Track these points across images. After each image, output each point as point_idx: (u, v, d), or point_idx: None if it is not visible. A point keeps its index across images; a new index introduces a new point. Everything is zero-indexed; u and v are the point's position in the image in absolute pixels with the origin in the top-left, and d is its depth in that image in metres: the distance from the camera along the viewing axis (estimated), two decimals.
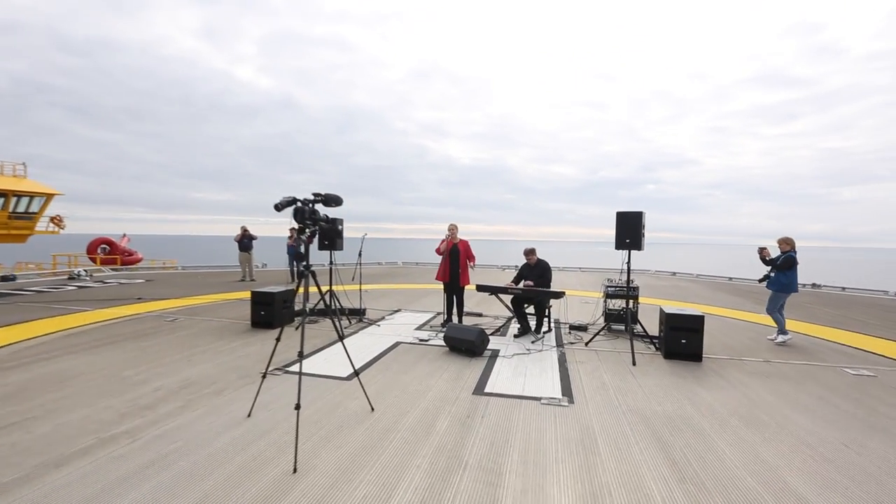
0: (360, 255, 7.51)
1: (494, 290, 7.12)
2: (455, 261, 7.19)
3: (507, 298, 7.15)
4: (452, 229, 7.25)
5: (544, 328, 6.99)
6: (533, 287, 6.69)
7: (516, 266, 21.48)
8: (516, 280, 7.02)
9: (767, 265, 6.92)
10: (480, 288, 7.20)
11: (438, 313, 8.45)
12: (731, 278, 17.63)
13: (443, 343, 6.09)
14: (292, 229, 15.12)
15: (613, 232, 6.12)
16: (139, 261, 20.80)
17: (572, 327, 7.35)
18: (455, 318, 7.34)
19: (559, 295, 6.45)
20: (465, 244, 7.31)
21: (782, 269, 6.62)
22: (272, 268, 18.47)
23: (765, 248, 7.08)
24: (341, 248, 7.53)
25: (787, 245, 6.71)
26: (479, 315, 8.38)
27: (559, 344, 6.37)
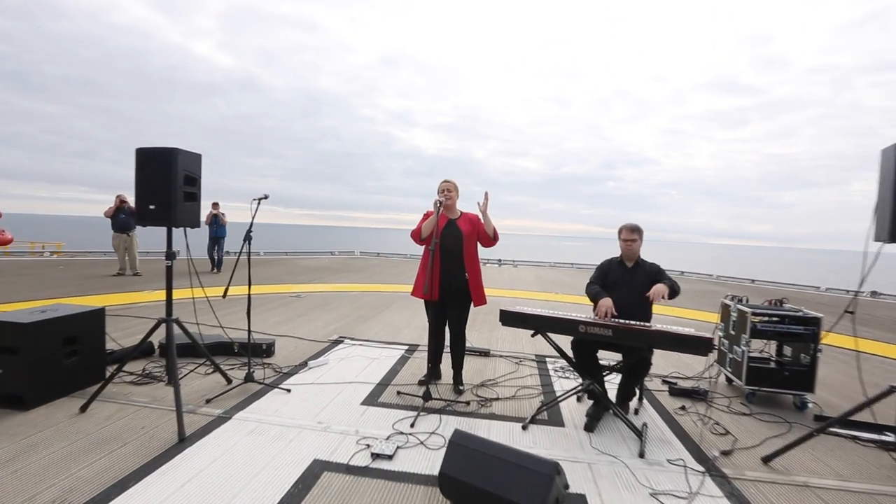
0: (248, 235, 3.48)
1: (555, 326, 3.08)
2: (454, 256, 3.50)
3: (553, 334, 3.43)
4: (447, 190, 3.54)
5: (633, 403, 3.42)
6: (635, 328, 2.97)
7: (514, 263, 18.30)
8: (594, 294, 3.30)
9: None
10: (512, 320, 3.23)
11: (411, 349, 4.74)
12: (753, 280, 14.89)
13: (426, 471, 2.40)
14: (214, 204, 10.97)
15: (576, 227, 2.80)
16: (8, 241, 15.82)
17: (675, 391, 3.80)
18: (444, 374, 3.62)
19: (703, 347, 2.75)
20: (474, 221, 3.60)
21: None
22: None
23: None
24: (185, 225, 3.05)
25: None
26: (486, 354, 4.69)
27: (700, 458, 2.77)
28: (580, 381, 3.78)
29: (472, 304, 3.56)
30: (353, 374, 3.90)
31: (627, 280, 3.32)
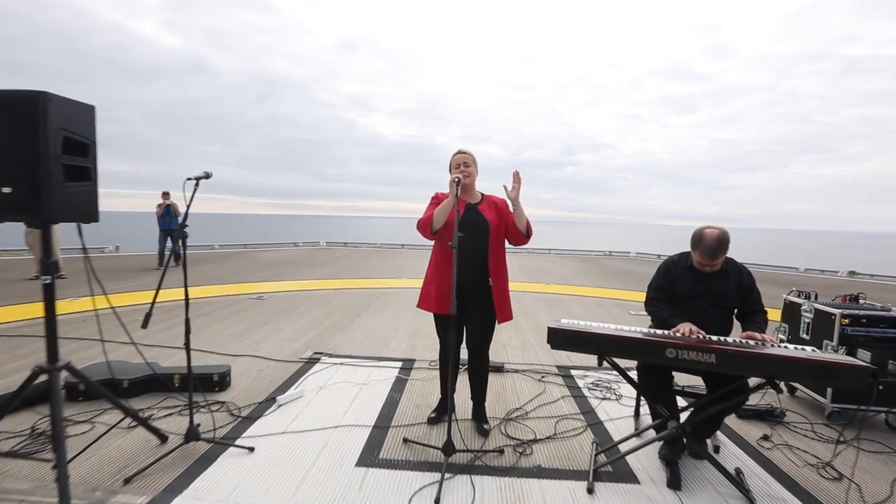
0: (181, 230, 2.37)
1: (632, 349, 2.22)
2: (476, 255, 2.55)
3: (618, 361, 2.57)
4: (464, 164, 2.58)
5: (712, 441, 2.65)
6: (752, 352, 2.10)
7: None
8: (664, 319, 2.48)
9: None
10: (567, 342, 2.30)
11: (406, 365, 3.81)
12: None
13: None
14: (165, 194, 9.49)
15: (537, 211, 2.24)
16: None
17: (744, 412, 3.07)
18: (461, 414, 2.74)
19: (857, 379, 1.89)
20: (501, 207, 2.68)
21: None
22: (128, 253, 12.40)
23: None
24: (68, 219, 1.94)
25: None
26: (501, 370, 3.82)
27: None
28: (634, 406, 3.00)
29: (496, 321, 2.65)
30: (338, 411, 2.94)
31: (703, 289, 2.49)
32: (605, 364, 2.27)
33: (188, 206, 2.30)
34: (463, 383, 3.11)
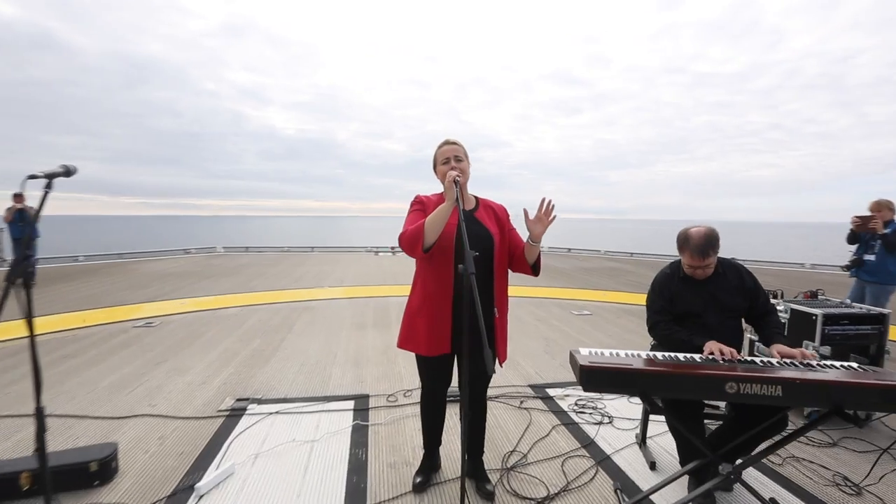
0: (29, 240, 1.48)
1: (684, 386, 1.75)
2: (479, 276, 1.82)
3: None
4: (456, 158, 1.98)
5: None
6: (824, 381, 1.69)
7: (388, 249, 15.40)
8: (682, 341, 2.15)
9: (856, 243, 4.42)
10: (605, 382, 1.78)
11: (360, 405, 3.09)
12: (632, 254, 16.05)
13: None
14: (17, 196, 7.30)
15: None
16: None
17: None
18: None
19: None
20: (500, 215, 2.13)
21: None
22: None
23: (874, 218, 4.15)
24: None
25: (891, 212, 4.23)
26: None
27: None
28: (639, 432, 2.67)
29: (496, 361, 2.10)
30: (289, 493, 2.17)
31: (707, 300, 2.25)
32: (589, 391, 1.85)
33: (38, 210, 1.43)
34: (449, 433, 2.52)
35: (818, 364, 1.90)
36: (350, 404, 3.16)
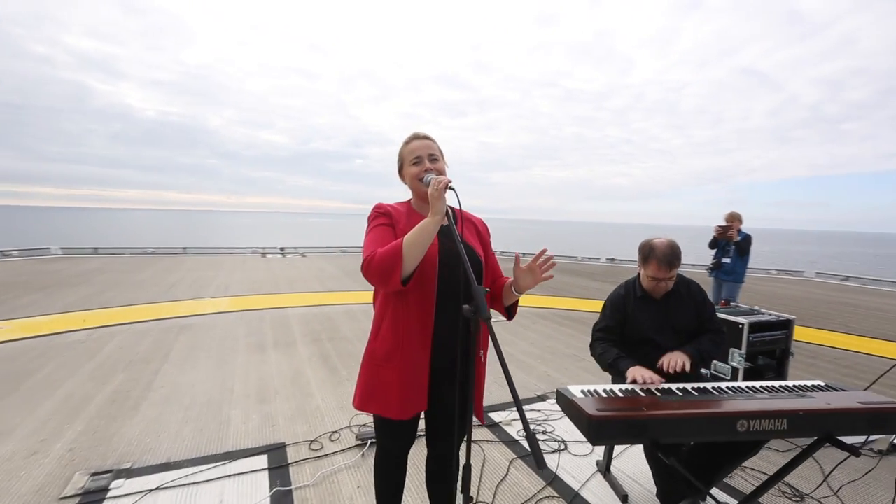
0: None
1: (696, 428, 1.55)
2: (458, 306, 1.38)
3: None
4: (431, 157, 1.52)
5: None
6: (821, 409, 1.60)
7: (299, 250, 14.16)
8: (612, 362, 2.08)
9: (715, 248, 5.27)
10: (616, 432, 1.51)
11: (276, 459, 2.44)
12: (524, 253, 16.76)
13: None
14: None
15: (329, 203, 4.18)
16: None
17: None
18: None
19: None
20: (481, 230, 1.72)
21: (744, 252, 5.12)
22: None
23: (731, 228, 5.06)
24: None
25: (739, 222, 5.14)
26: None
27: None
28: (602, 460, 2.49)
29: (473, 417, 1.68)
30: None
31: (662, 322, 2.20)
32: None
33: None
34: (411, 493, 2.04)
35: (783, 388, 1.87)
36: (262, 461, 2.48)
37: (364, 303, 6.88)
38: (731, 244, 5.09)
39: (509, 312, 1.66)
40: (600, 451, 2.69)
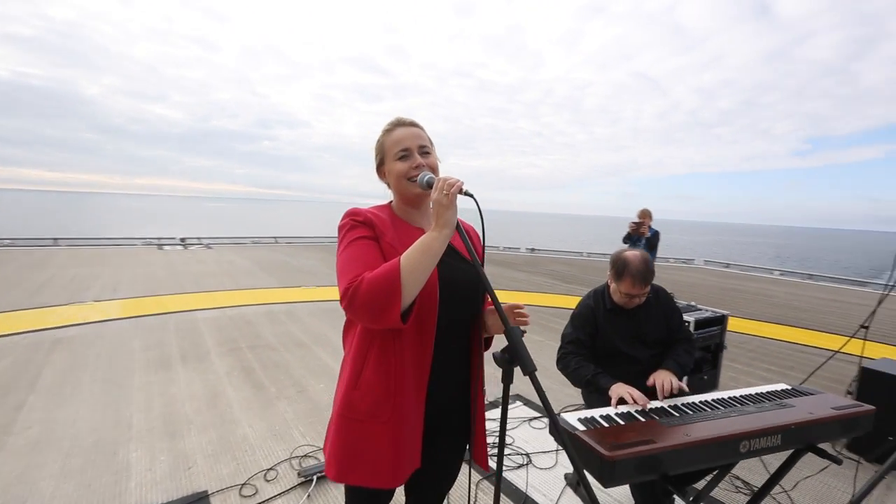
0: None
1: (703, 455, 1.44)
2: (463, 337, 1.23)
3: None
4: (418, 144, 1.19)
5: None
6: (810, 420, 1.58)
7: (203, 241, 12.20)
8: (575, 367, 2.04)
9: (629, 243, 5.50)
10: (631, 470, 1.33)
11: None
12: (533, 249, 16.67)
13: None
14: None
15: (234, 187, 5.16)
16: None
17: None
18: None
19: (868, 423, 1.72)
20: (475, 238, 1.40)
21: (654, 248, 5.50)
22: None
23: (644, 224, 5.42)
24: None
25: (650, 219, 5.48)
26: None
27: None
28: (557, 466, 2.36)
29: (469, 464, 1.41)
30: None
31: (633, 333, 2.14)
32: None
33: None
34: None
35: (760, 396, 1.87)
36: None
37: (287, 301, 6.24)
38: (643, 239, 5.38)
39: (486, 343, 1.39)
40: (567, 461, 2.58)
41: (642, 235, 5.39)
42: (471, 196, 1.03)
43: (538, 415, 3.11)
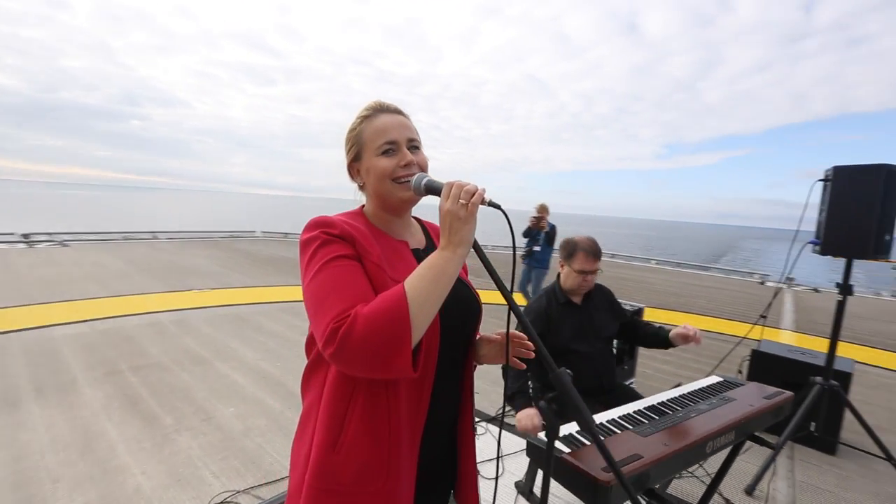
0: None
1: (680, 462, 1.45)
2: (456, 370, 1.03)
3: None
4: (407, 137, 0.97)
5: None
6: (753, 411, 1.69)
7: (56, 238, 9.53)
8: (510, 391, 2.09)
9: (528, 237, 5.72)
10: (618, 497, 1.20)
11: None
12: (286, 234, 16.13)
13: None
14: None
15: (93, 172, 4.02)
16: None
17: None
18: None
19: (787, 408, 1.96)
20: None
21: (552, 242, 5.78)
22: None
23: (543, 218, 5.70)
24: None
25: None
26: None
27: None
28: (501, 469, 2.33)
29: None
30: None
31: (587, 327, 2.23)
32: None
33: None
34: None
35: (703, 392, 1.98)
36: None
37: (177, 309, 5.38)
38: (542, 233, 5.60)
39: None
40: (516, 469, 2.53)
41: (541, 229, 5.59)
42: (498, 208, 0.84)
43: (477, 419, 3.03)
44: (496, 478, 1.12)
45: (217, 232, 14.37)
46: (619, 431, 1.56)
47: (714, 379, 2.11)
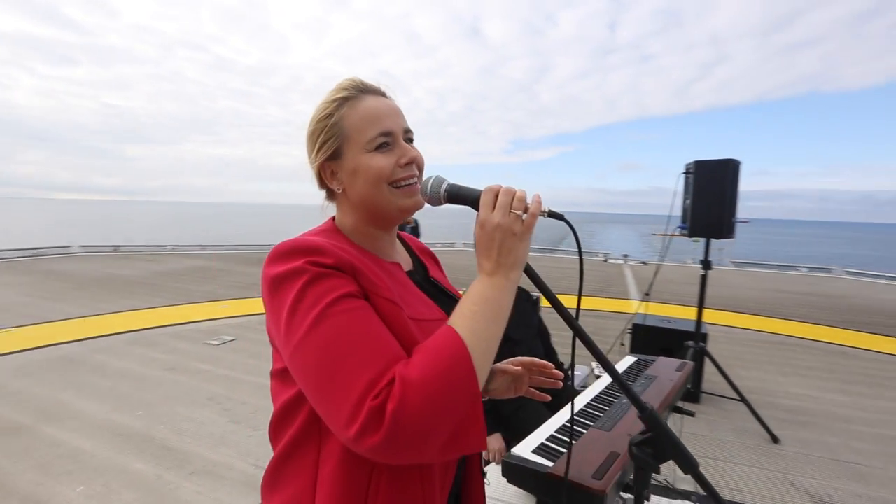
0: None
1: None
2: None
3: None
4: (403, 128, 0.75)
5: None
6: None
7: None
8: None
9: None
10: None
11: None
12: (205, 246, 14.29)
13: None
14: None
15: None
16: None
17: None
18: None
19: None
20: (433, 259, 1.00)
21: None
22: None
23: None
24: None
25: None
26: None
27: None
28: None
29: None
30: None
31: (518, 320, 2.25)
32: None
33: None
34: None
35: (632, 375, 2.13)
36: None
37: (54, 344, 3.96)
38: (407, 228, 5.86)
39: None
40: None
41: (407, 224, 5.76)
42: (561, 218, 0.68)
43: None
44: None
45: (10, 250, 11.18)
46: (583, 431, 1.56)
47: (631, 359, 2.28)
